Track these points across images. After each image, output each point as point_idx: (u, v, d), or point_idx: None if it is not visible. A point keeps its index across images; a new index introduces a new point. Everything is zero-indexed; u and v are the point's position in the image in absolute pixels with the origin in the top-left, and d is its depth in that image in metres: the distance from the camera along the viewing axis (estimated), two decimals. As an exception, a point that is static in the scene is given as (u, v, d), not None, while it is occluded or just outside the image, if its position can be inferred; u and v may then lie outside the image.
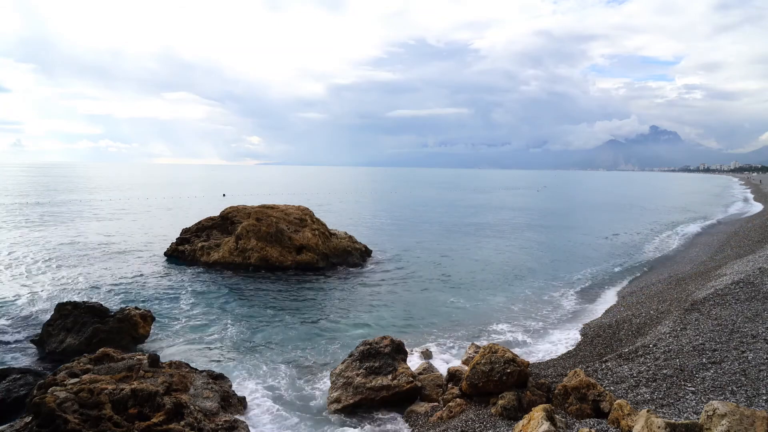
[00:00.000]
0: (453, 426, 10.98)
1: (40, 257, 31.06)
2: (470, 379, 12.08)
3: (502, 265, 31.47)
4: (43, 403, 9.69)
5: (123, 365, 12.11)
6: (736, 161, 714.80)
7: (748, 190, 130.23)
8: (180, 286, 25.35)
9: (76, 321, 17.15)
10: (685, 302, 18.55)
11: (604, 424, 9.48)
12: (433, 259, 33.24)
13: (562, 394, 11.05)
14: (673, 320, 16.29)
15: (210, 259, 29.37)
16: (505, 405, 11.07)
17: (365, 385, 13.01)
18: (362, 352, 13.93)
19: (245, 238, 29.38)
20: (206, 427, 10.63)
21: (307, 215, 32.66)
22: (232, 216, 32.34)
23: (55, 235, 39.94)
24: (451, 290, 25.38)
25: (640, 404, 10.29)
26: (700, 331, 14.34)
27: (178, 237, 33.25)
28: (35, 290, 23.72)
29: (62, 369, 11.85)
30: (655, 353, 13.25)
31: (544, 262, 32.89)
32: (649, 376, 11.78)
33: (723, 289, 18.93)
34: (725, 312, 15.88)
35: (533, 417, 8.76)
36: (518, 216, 63.70)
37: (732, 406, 7.00)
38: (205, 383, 12.36)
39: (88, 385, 10.55)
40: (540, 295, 24.61)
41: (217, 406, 11.64)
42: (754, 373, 10.81)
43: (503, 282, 27.17)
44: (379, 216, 61.62)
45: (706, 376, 11.19)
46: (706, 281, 22.53)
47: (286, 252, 29.31)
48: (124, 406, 10.31)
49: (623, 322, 18.34)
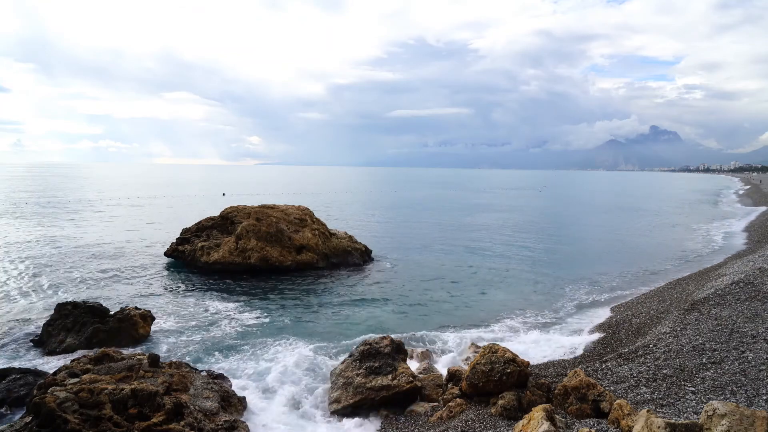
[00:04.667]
0: (453, 426, 10.98)
1: (40, 257, 31.06)
2: (470, 379, 12.08)
3: (502, 265, 31.47)
4: (43, 403, 9.70)
5: (123, 365, 12.11)
6: (736, 161, 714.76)
7: (747, 188, 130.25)
8: (180, 286, 25.36)
9: (76, 321, 17.16)
10: (685, 302, 18.56)
11: (604, 424, 9.48)
12: (433, 259, 33.24)
13: (562, 394, 11.05)
14: (673, 320, 16.29)
15: (210, 259, 29.37)
16: (505, 405, 11.07)
17: (365, 385, 13.01)
18: (362, 352, 13.93)
19: (245, 238, 29.38)
20: (206, 427, 10.63)
21: (307, 215, 32.66)
22: (232, 216, 32.33)
23: (55, 234, 39.92)
24: (452, 290, 25.38)
25: (640, 404, 10.29)
26: (700, 331, 14.35)
27: (178, 237, 33.24)
28: (35, 290, 23.72)
29: (62, 369, 11.85)
30: (655, 353, 13.25)
31: (544, 262, 32.88)
32: (649, 376, 11.78)
33: (723, 289, 18.94)
34: (725, 312, 15.89)
35: (533, 417, 8.76)
36: (519, 216, 63.69)
37: (732, 406, 6.99)
38: (205, 383, 12.35)
39: (88, 385, 10.55)
40: (540, 295, 24.60)
41: (217, 406, 11.63)
42: (754, 373, 10.81)
43: (504, 282, 27.16)
44: (379, 216, 61.61)
45: (706, 376, 11.19)
46: (706, 281, 22.54)
47: (286, 252, 29.31)
48: (124, 406, 10.31)
49: (623, 322, 18.34)
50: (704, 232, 47.50)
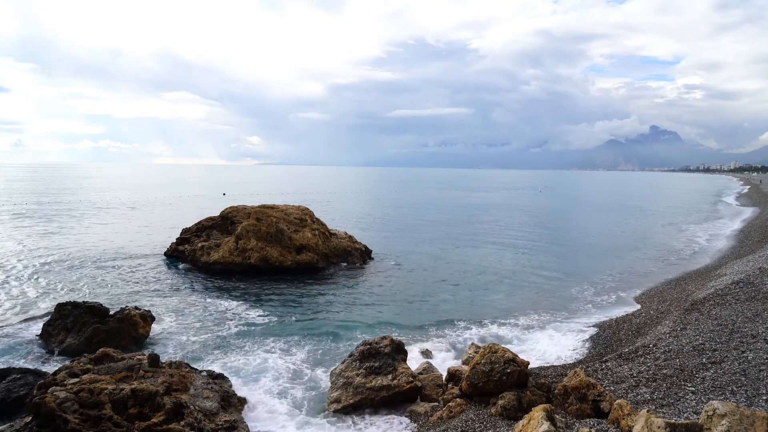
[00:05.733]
0: (453, 426, 10.98)
1: (40, 257, 31.06)
2: (470, 379, 12.08)
3: (502, 266, 31.46)
4: (43, 403, 9.70)
5: (123, 365, 12.11)
6: (736, 161, 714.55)
7: (747, 189, 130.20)
8: (180, 286, 25.36)
9: (76, 321, 17.16)
10: (685, 302, 18.56)
11: (604, 424, 9.48)
12: (433, 259, 33.25)
13: (562, 394, 11.05)
14: (673, 320, 16.29)
15: (210, 259, 29.37)
16: (505, 405, 11.07)
17: (365, 385, 13.01)
18: (362, 352, 13.93)
19: (245, 238, 29.38)
20: (206, 427, 10.63)
21: (307, 215, 32.66)
22: (232, 216, 32.34)
23: (55, 234, 39.94)
24: (452, 290, 25.38)
25: (640, 404, 10.29)
26: (700, 331, 14.35)
27: (178, 237, 33.25)
28: (35, 290, 23.73)
29: (62, 369, 11.85)
30: (655, 353, 13.25)
31: (544, 262, 32.87)
32: (649, 376, 11.78)
33: (723, 289, 18.95)
34: (725, 312, 15.89)
35: (533, 417, 8.76)
36: (519, 216, 63.70)
37: (732, 406, 6.99)
38: (205, 383, 12.35)
39: (88, 385, 10.55)
40: (540, 295, 24.60)
41: (217, 406, 11.64)
42: (754, 373, 10.81)
43: (504, 282, 27.16)
44: (379, 216, 61.61)
45: (706, 376, 11.19)
46: (706, 281, 22.55)
47: (286, 252, 29.31)
48: (124, 406, 10.31)
49: (623, 322, 18.35)
50: (704, 232, 47.51)
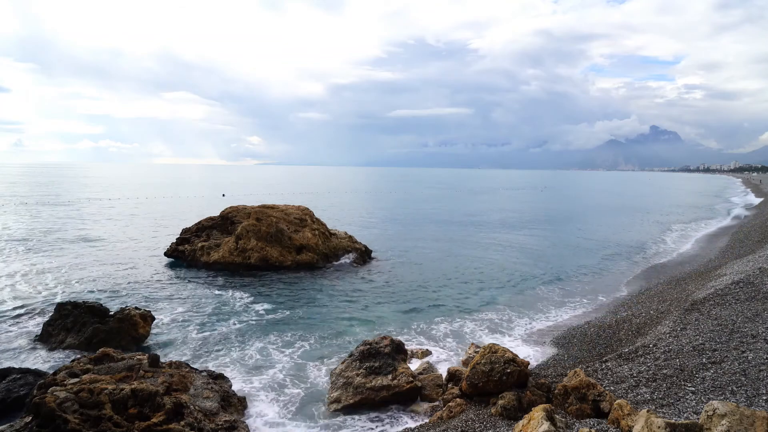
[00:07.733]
0: (453, 426, 10.98)
1: (40, 256, 31.06)
2: (470, 379, 12.08)
3: (502, 266, 31.47)
4: (43, 403, 9.70)
5: (123, 365, 12.11)
6: (736, 161, 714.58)
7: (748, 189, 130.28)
8: (180, 286, 25.35)
9: (76, 321, 17.16)
10: (685, 302, 18.55)
11: (604, 424, 9.48)
12: (433, 259, 33.24)
13: (562, 394, 11.05)
14: (673, 320, 16.29)
15: (210, 259, 29.37)
16: (505, 405, 11.07)
17: (365, 385, 13.01)
18: (362, 352, 13.93)
19: (245, 238, 29.38)
20: (206, 427, 10.63)
21: (307, 215, 32.67)
22: (232, 216, 32.34)
23: (55, 234, 39.93)
24: (452, 290, 25.37)
25: (640, 404, 10.29)
26: (700, 331, 14.34)
27: (178, 237, 33.24)
28: (35, 290, 23.72)
29: (62, 369, 11.85)
30: (655, 353, 13.25)
31: (545, 262, 32.87)
32: (649, 376, 11.78)
33: (723, 289, 18.94)
34: (725, 312, 15.88)
35: (533, 417, 8.75)
36: (519, 216, 63.71)
37: (732, 406, 6.99)
38: (205, 383, 12.35)
39: (88, 385, 10.55)
40: (541, 295, 24.61)
41: (217, 406, 11.64)
42: (754, 373, 10.81)
43: (504, 282, 27.16)
44: (379, 216, 61.60)
45: (706, 376, 11.19)
46: (706, 281, 22.54)
47: (286, 252, 29.31)
48: (124, 406, 10.31)
49: (623, 322, 18.34)
50: (704, 232, 47.53)
